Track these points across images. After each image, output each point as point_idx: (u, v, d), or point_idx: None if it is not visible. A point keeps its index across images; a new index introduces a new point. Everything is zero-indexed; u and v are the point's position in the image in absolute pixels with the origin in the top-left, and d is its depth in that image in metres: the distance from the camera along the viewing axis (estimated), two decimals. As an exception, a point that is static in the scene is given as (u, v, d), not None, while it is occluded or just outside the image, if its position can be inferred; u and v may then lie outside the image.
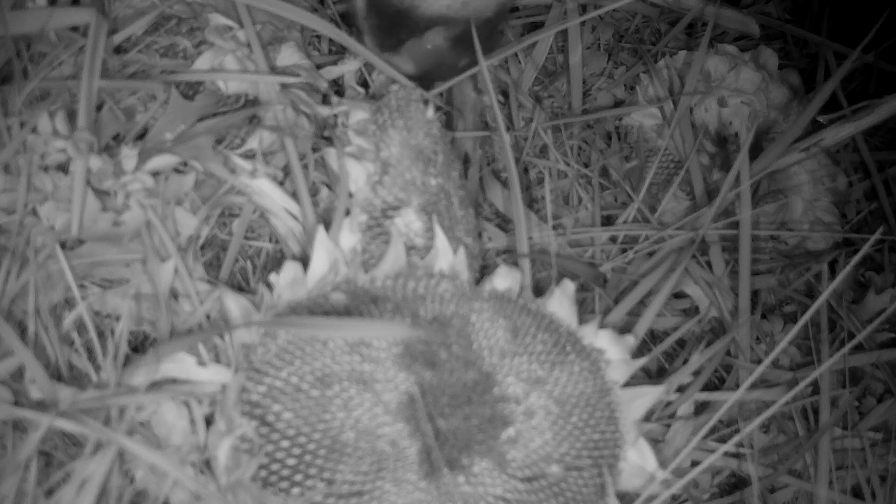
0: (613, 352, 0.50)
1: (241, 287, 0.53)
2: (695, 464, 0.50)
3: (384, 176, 0.52)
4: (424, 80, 0.57)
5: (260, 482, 0.41)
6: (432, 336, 0.46)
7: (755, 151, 0.71)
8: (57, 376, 0.45)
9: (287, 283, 0.46)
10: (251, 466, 0.41)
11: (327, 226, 0.50)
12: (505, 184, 0.64)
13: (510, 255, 0.61)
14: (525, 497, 0.44)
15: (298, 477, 0.41)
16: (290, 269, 0.46)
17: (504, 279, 0.51)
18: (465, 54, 0.57)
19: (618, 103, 0.76)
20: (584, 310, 0.60)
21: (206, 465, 0.42)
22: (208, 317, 0.47)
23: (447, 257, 0.50)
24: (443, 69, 0.58)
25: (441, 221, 0.52)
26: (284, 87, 0.55)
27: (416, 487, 0.42)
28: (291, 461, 0.41)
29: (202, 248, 0.53)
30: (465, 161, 0.63)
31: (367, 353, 0.44)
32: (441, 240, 0.50)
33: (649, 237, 0.65)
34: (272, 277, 0.46)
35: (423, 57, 0.57)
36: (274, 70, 0.56)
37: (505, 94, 0.70)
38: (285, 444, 0.42)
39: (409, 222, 0.52)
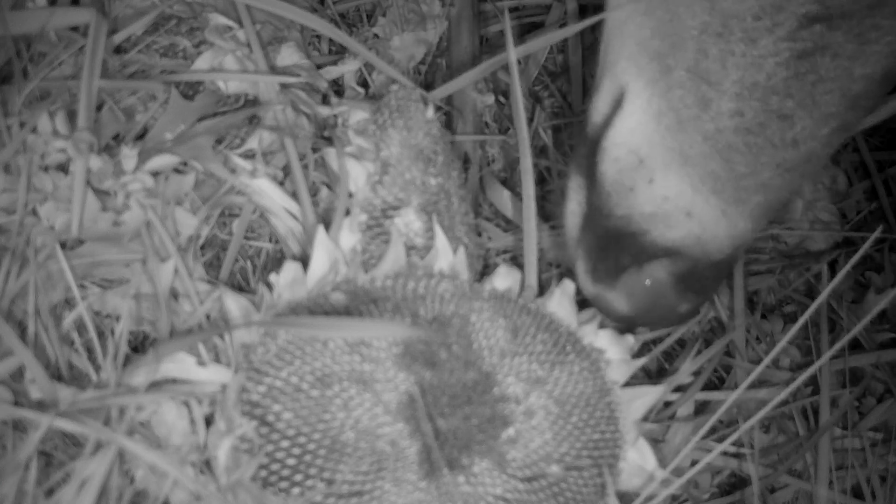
0: (613, 352, 0.50)
1: (241, 287, 0.53)
2: (694, 464, 0.50)
3: (384, 176, 0.52)
4: (635, 323, 0.49)
5: (260, 482, 0.41)
6: (432, 336, 0.46)
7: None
8: (57, 376, 0.45)
9: (287, 283, 0.46)
10: (251, 466, 0.41)
11: (327, 226, 0.50)
12: (505, 184, 0.64)
13: (511, 255, 0.61)
14: (525, 497, 0.44)
15: (298, 477, 0.41)
16: (290, 269, 0.46)
17: (504, 279, 0.51)
18: (686, 298, 0.47)
19: (618, 103, 0.76)
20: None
21: (206, 465, 0.42)
22: (208, 317, 0.47)
23: (447, 257, 0.50)
24: (658, 312, 0.48)
25: (441, 221, 0.52)
26: (284, 86, 0.55)
27: (416, 487, 0.42)
28: (291, 461, 0.41)
29: (202, 248, 0.53)
30: (465, 161, 0.63)
31: (367, 354, 0.44)
32: (441, 239, 0.50)
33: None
34: (272, 277, 0.46)
35: (640, 294, 0.47)
36: (274, 70, 0.56)
37: (505, 94, 0.70)
38: (285, 444, 0.42)
39: (408, 222, 0.52)
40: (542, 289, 0.53)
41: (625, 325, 0.49)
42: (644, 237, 0.46)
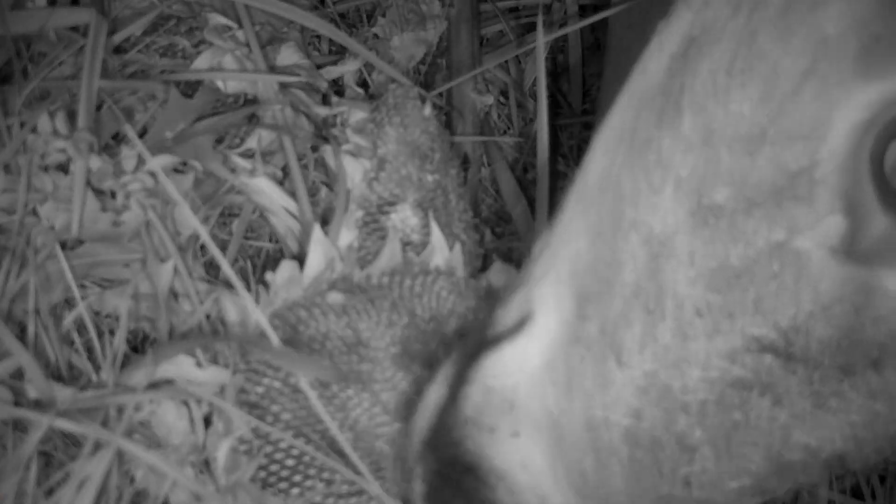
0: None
1: (240, 287, 0.53)
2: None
3: (380, 172, 0.52)
4: None
5: (259, 483, 0.42)
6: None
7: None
8: (57, 376, 0.45)
9: (283, 281, 0.46)
10: (250, 468, 0.41)
11: (326, 224, 0.50)
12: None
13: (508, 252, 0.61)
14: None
15: (297, 478, 0.41)
16: (287, 267, 0.46)
17: (498, 276, 0.51)
18: None
19: (618, 103, 0.76)
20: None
21: (206, 466, 0.42)
22: (208, 317, 0.47)
23: (443, 253, 0.50)
24: None
25: (438, 217, 0.52)
26: (283, 86, 0.55)
27: (415, 487, 0.42)
28: (290, 462, 0.41)
29: (202, 247, 0.53)
30: (465, 161, 0.63)
31: (365, 354, 0.44)
32: (437, 235, 0.50)
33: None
34: (268, 276, 0.46)
35: None
36: (273, 69, 0.56)
37: (505, 94, 0.70)
38: (284, 444, 0.42)
39: (405, 218, 0.52)
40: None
41: None
42: (487, 492, 0.37)
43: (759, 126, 0.31)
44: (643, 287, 0.33)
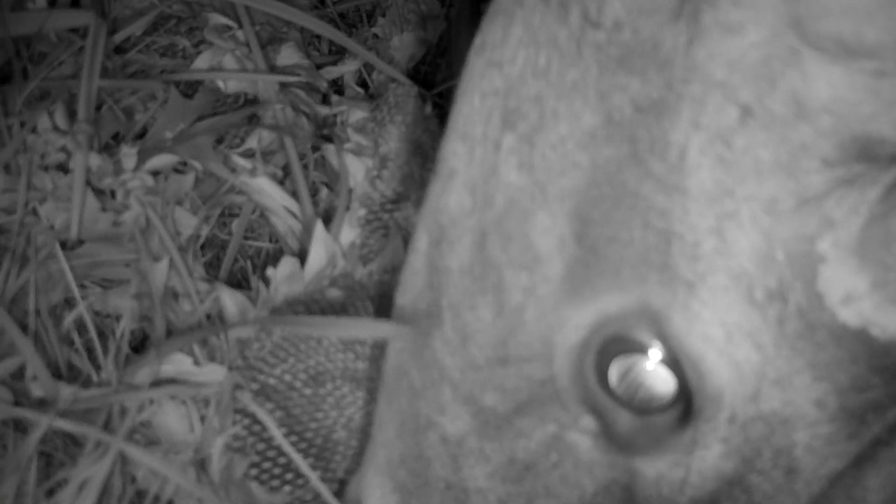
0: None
1: (240, 286, 0.53)
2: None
3: (383, 170, 0.52)
4: None
5: (253, 480, 0.41)
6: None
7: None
8: (57, 376, 0.45)
9: (284, 277, 0.46)
10: (242, 465, 0.41)
11: (327, 222, 0.50)
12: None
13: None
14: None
15: (290, 475, 0.41)
16: (287, 264, 0.46)
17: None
18: None
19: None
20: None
21: (202, 464, 0.42)
22: (208, 316, 0.47)
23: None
24: None
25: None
26: (284, 86, 0.55)
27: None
28: (283, 459, 0.41)
29: (202, 247, 0.53)
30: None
31: (361, 352, 0.44)
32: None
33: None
34: (269, 272, 0.46)
35: None
36: (273, 69, 0.56)
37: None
38: (278, 442, 0.42)
39: (408, 216, 0.51)
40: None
41: None
42: None
43: (501, 338, 0.30)
44: (451, 481, 0.34)
